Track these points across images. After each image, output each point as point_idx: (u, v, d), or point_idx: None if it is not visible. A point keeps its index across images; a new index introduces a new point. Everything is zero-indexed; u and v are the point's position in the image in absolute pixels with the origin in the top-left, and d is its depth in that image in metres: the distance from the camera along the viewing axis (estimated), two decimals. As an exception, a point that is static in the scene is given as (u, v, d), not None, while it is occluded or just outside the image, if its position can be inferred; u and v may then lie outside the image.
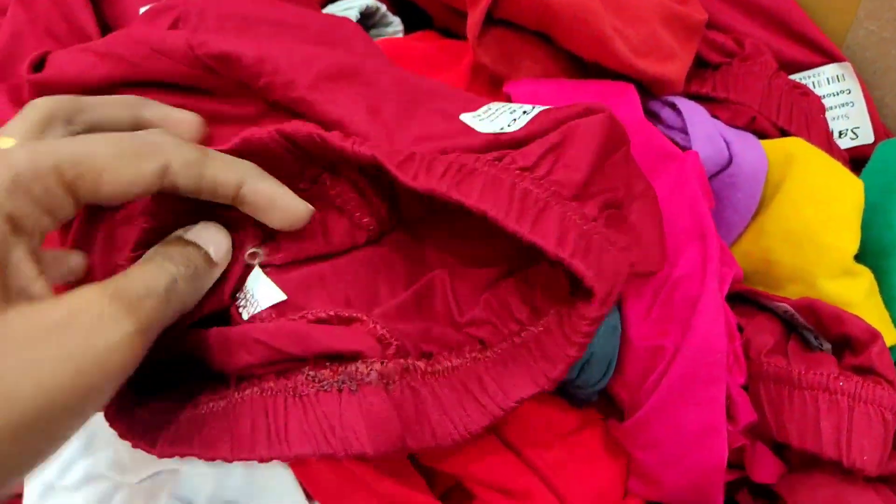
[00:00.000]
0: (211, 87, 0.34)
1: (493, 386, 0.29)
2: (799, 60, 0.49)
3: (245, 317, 0.31)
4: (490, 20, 0.42)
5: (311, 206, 0.30)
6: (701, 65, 0.47)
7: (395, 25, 0.50)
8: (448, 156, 0.28)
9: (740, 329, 0.39)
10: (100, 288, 0.23)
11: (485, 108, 0.34)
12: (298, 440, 0.27)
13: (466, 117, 0.32)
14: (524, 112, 0.32)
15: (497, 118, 0.32)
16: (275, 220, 0.30)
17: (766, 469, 0.37)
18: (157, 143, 0.27)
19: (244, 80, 0.33)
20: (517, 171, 0.28)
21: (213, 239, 0.30)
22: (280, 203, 0.29)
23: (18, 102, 0.39)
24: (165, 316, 0.25)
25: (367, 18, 0.48)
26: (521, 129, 0.30)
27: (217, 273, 0.30)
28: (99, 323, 0.22)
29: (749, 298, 0.41)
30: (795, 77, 0.48)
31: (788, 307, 0.38)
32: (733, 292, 0.39)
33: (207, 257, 0.29)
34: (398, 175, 0.27)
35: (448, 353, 0.31)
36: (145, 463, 0.38)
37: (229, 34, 0.36)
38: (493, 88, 0.44)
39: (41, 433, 0.21)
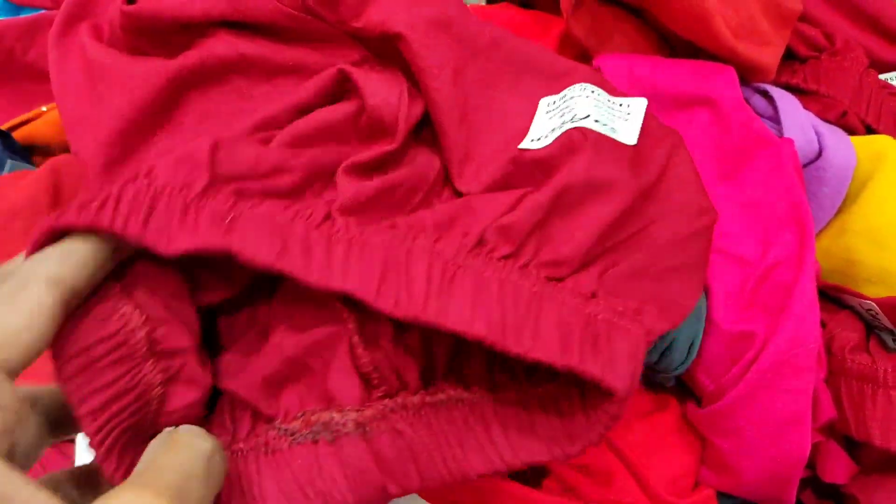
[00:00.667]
0: (310, 30, 0.33)
1: (500, 436, 0.26)
2: (888, 59, 0.48)
3: None
4: (585, -9, 0.41)
5: None
6: (789, 57, 0.46)
7: (478, -6, 0.49)
8: (428, 258, 0.25)
9: (823, 325, 0.38)
10: (136, 490, 0.20)
11: (561, 95, 0.32)
12: (275, 498, 0.25)
13: (539, 111, 0.31)
14: (572, 118, 0.29)
15: (553, 117, 0.30)
16: None
17: (838, 469, 0.36)
18: (22, 274, 0.23)
19: (344, 18, 0.32)
20: (501, 262, 0.25)
21: None
22: None
23: (101, 39, 0.39)
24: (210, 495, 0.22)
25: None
26: (546, 146, 0.28)
27: None
28: None
29: (829, 296, 0.40)
30: (884, 77, 0.47)
31: (873, 305, 0.37)
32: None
33: None
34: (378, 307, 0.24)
35: (455, 381, 0.27)
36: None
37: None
38: (583, 62, 0.43)
39: None
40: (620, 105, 0.30)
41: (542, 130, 0.29)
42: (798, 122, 0.40)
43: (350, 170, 0.27)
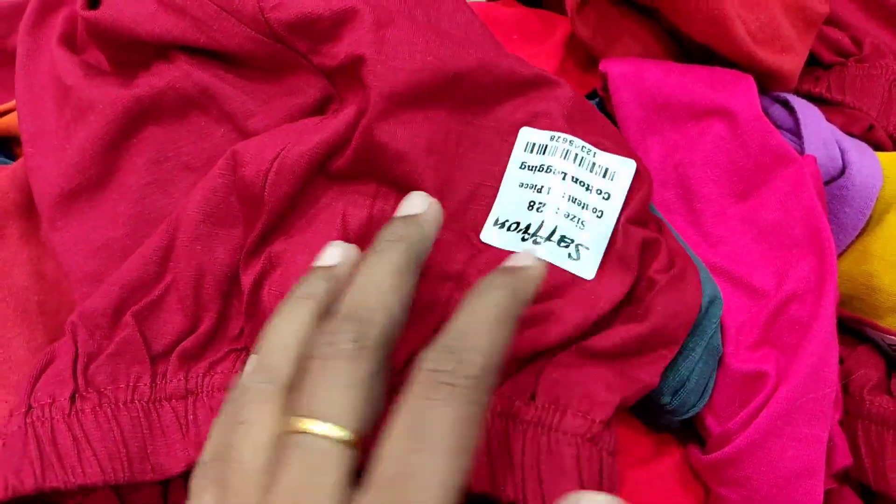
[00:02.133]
0: (277, 59, 0.30)
1: None
2: (922, 68, 0.44)
3: None
4: (592, -11, 0.38)
5: None
6: (811, 63, 0.43)
7: (480, -12, 0.46)
8: None
9: (841, 361, 0.35)
10: None
11: (539, 162, 0.29)
12: None
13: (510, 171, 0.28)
14: (540, 224, 0.28)
15: (524, 193, 0.28)
16: None
17: (852, 517, 0.33)
18: None
19: (312, 49, 0.29)
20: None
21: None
22: None
23: (72, 37, 0.36)
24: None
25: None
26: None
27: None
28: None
29: (849, 326, 0.37)
30: (916, 87, 0.44)
31: (897, 340, 0.34)
32: (834, 318, 0.36)
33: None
34: None
35: None
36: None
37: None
38: (589, 66, 0.40)
39: None
40: (597, 191, 0.28)
41: (508, 213, 0.28)
42: (820, 136, 0.37)
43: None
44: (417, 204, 0.24)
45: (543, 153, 0.28)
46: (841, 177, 0.37)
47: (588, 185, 0.28)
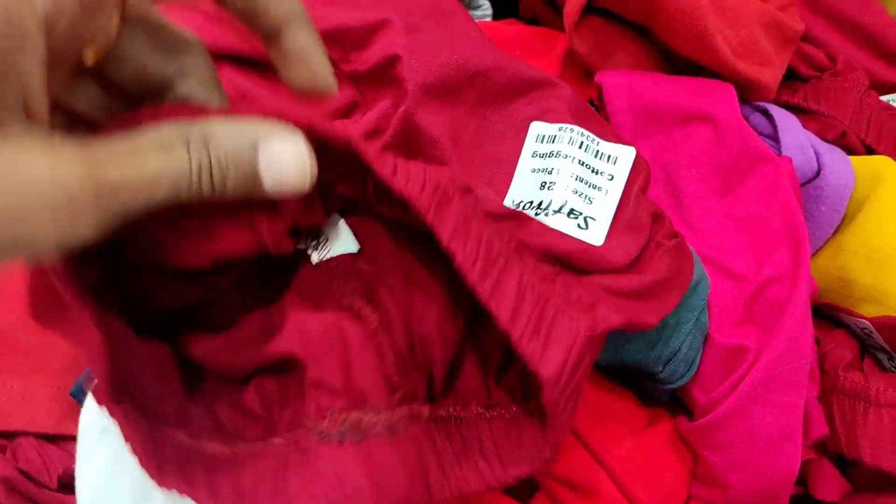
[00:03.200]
0: None
1: (492, 453, 0.26)
2: (890, 80, 0.48)
3: (314, 259, 0.29)
4: (588, 8, 0.41)
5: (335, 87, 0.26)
6: (790, 77, 0.47)
7: (485, 9, 0.50)
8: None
9: (817, 342, 0.38)
10: (82, 166, 0.18)
11: (548, 149, 0.32)
12: (300, 497, 0.25)
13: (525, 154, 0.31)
14: (549, 202, 0.30)
15: (536, 176, 0.31)
16: (295, 75, 0.25)
17: (829, 486, 0.36)
18: None
19: (344, 57, 0.32)
20: (484, 218, 0.26)
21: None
22: (311, 61, 0.24)
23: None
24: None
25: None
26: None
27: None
28: (64, 208, 0.17)
29: (824, 314, 0.41)
30: (886, 98, 0.48)
31: (867, 324, 0.37)
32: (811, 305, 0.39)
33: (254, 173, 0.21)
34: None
35: (454, 398, 0.28)
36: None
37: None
38: (585, 78, 0.43)
39: None
40: (601, 172, 0.31)
41: (521, 194, 0.30)
42: (797, 140, 0.40)
43: None
44: None
45: (553, 142, 0.31)
46: (816, 178, 0.41)
47: (594, 168, 0.31)
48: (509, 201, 0.31)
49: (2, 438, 0.42)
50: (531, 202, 0.30)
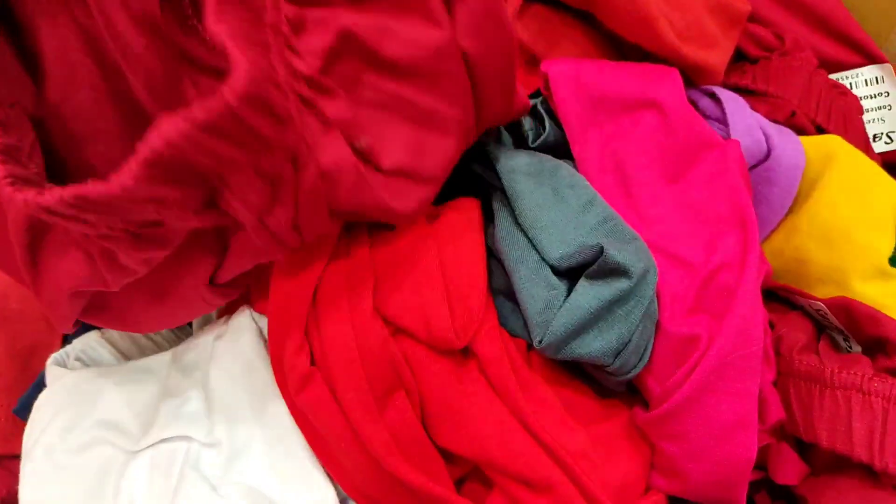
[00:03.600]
0: None
1: None
2: (838, 59, 0.48)
3: None
4: (531, -5, 0.41)
5: None
6: (739, 58, 0.46)
7: None
8: None
9: (771, 326, 0.38)
10: None
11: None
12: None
13: None
14: None
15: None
16: None
17: (789, 470, 0.36)
18: None
19: None
20: None
21: None
22: None
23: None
24: None
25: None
26: None
27: None
28: None
29: (780, 296, 0.40)
30: (834, 77, 0.48)
31: (822, 305, 0.37)
32: (764, 289, 0.39)
33: None
34: None
35: None
36: (151, 428, 0.37)
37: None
38: (530, 67, 0.43)
39: None
40: None
41: None
42: (745, 123, 0.40)
43: None
44: None
45: None
46: (767, 160, 0.40)
47: None
48: None
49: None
50: None
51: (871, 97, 0.48)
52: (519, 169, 0.36)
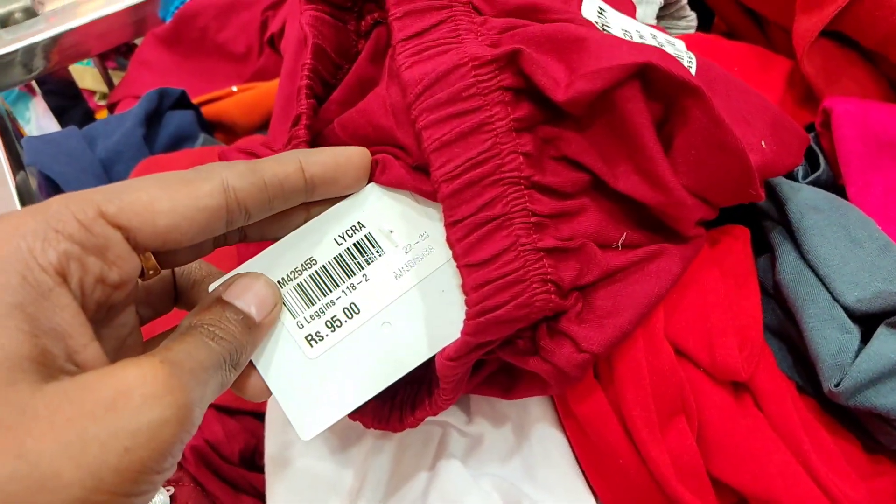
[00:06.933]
0: None
1: None
2: None
3: None
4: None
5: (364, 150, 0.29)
6: None
7: (690, 21, 0.48)
8: None
9: None
10: (149, 364, 0.21)
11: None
12: None
13: None
14: None
15: None
16: (349, 177, 0.29)
17: None
18: (206, 168, 0.25)
19: None
20: None
21: (256, 298, 0.27)
22: (342, 158, 0.28)
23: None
24: (213, 392, 0.24)
25: (665, 8, 0.47)
26: None
27: (261, 336, 0.27)
28: (149, 401, 0.20)
29: None
30: None
31: None
32: None
33: (248, 322, 0.26)
34: None
35: None
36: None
37: None
38: (806, 102, 0.42)
39: None
40: None
41: None
42: None
43: None
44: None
45: None
46: None
47: None
48: None
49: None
50: None
51: None
52: (807, 203, 0.35)
